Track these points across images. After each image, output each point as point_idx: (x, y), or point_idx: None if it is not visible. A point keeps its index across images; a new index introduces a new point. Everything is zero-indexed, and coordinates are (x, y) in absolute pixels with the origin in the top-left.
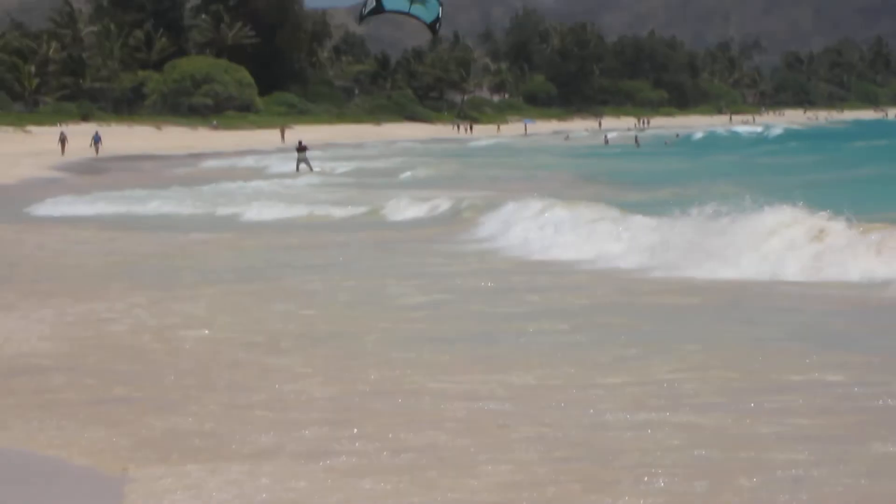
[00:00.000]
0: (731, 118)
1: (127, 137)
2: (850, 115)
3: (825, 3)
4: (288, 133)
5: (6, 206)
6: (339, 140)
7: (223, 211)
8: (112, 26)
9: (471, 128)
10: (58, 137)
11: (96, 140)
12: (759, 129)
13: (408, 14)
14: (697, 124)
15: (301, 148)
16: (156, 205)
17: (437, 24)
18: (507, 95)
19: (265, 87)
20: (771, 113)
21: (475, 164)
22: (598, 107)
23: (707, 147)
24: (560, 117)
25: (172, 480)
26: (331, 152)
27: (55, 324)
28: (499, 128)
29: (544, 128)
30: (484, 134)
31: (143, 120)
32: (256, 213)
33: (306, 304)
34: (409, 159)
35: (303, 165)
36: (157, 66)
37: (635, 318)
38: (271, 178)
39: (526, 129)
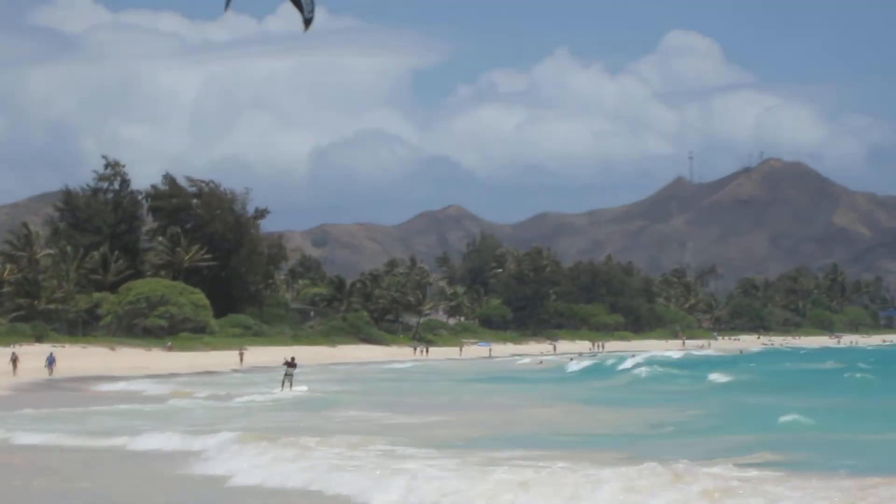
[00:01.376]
0: (684, 343)
1: (81, 358)
2: (805, 341)
3: (781, 231)
4: (246, 355)
5: None
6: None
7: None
8: (68, 248)
9: (426, 350)
10: (9, 357)
11: (50, 362)
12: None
13: None
14: (652, 348)
15: (290, 363)
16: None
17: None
18: (462, 318)
19: (221, 309)
20: (726, 338)
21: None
22: (554, 330)
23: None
24: (515, 340)
25: None
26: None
27: None
28: (461, 350)
29: (501, 351)
30: (446, 355)
31: (97, 341)
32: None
33: None
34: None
35: (287, 380)
36: (113, 287)
37: None
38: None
39: (490, 352)
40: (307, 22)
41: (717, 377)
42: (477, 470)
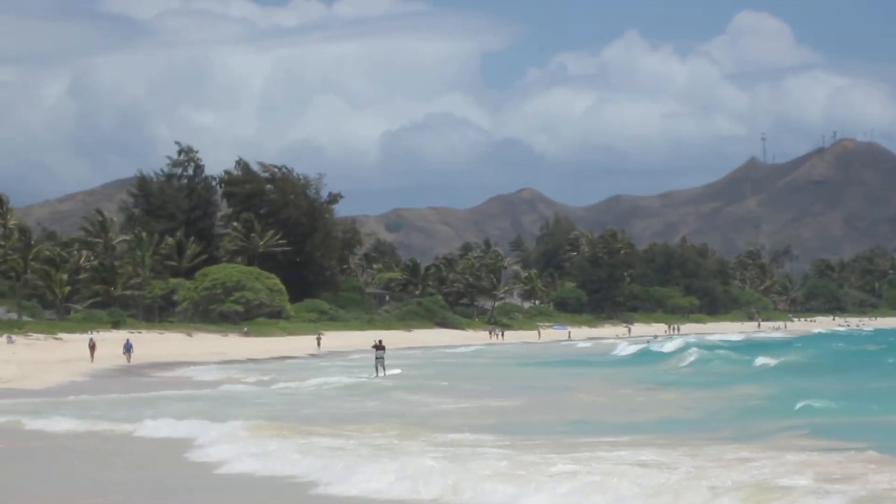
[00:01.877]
0: (759, 325)
1: (158, 344)
2: (882, 322)
3: (855, 212)
4: (323, 340)
5: None
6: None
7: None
8: (143, 235)
9: (502, 334)
10: (87, 344)
11: (127, 348)
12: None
13: None
14: (727, 330)
15: (379, 346)
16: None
17: None
18: (537, 302)
19: (296, 294)
20: (802, 319)
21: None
22: (629, 313)
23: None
24: (590, 324)
25: None
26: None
27: None
28: (539, 333)
29: (577, 334)
30: (521, 339)
31: (174, 327)
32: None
33: None
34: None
35: (379, 364)
36: (188, 273)
37: None
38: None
39: (569, 335)
40: None
41: (764, 360)
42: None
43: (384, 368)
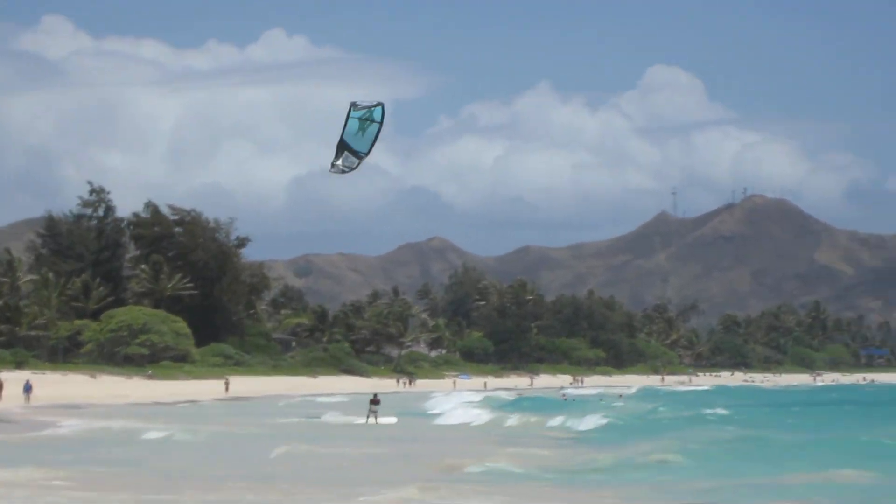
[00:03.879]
0: (663, 379)
1: (61, 386)
2: (786, 378)
3: (763, 268)
4: (230, 385)
5: None
6: (282, 391)
7: None
8: (50, 275)
9: (410, 382)
10: None
11: (27, 389)
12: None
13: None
14: (632, 383)
15: (375, 401)
16: None
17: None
18: (443, 351)
19: (202, 338)
20: (707, 374)
21: None
22: (535, 364)
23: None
24: (496, 373)
25: None
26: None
27: None
28: (454, 384)
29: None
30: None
31: (78, 368)
32: None
33: None
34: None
35: (373, 416)
36: (95, 315)
37: None
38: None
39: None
40: (333, 165)
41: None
42: None
43: (376, 418)
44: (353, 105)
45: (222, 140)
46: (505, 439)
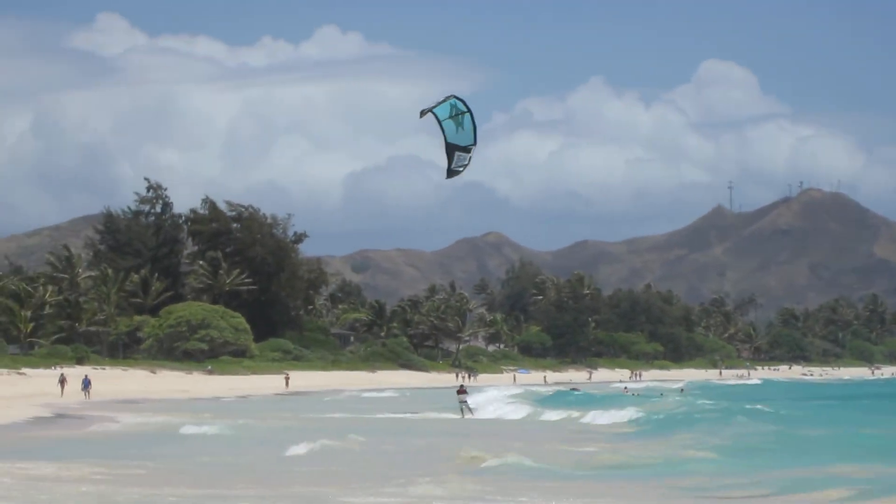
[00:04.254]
0: (721, 373)
1: (121, 381)
2: (844, 372)
3: (820, 262)
4: (290, 379)
5: None
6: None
7: None
8: (109, 271)
9: (468, 377)
10: (58, 379)
11: (85, 384)
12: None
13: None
14: (690, 377)
15: (461, 391)
16: None
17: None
18: (501, 345)
19: (261, 333)
20: (765, 368)
21: None
22: (593, 358)
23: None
24: (554, 368)
25: None
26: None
27: None
28: (514, 378)
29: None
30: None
31: (137, 364)
32: None
33: None
34: None
35: (464, 406)
36: (154, 310)
37: None
38: None
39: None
40: (450, 171)
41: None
42: None
43: (470, 410)
44: (423, 112)
45: (277, 137)
46: (528, 434)
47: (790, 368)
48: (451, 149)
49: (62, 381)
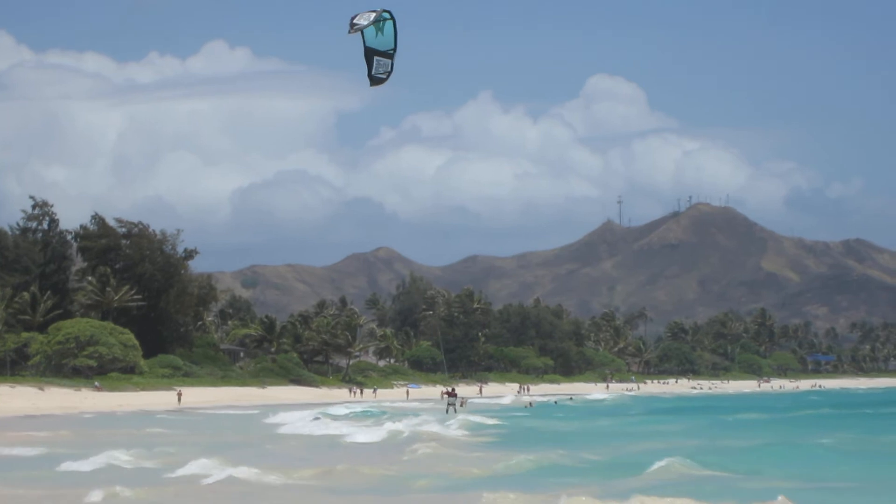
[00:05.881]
0: (608, 386)
1: (8, 398)
2: (733, 385)
3: (709, 275)
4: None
5: None
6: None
7: None
8: None
9: (361, 392)
10: None
11: None
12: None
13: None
14: (581, 391)
15: (451, 394)
16: None
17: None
18: (392, 360)
19: (150, 349)
20: (655, 381)
21: None
22: (483, 372)
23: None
24: (445, 382)
25: None
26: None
27: None
28: (407, 393)
29: (432, 393)
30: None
31: (25, 380)
32: None
33: None
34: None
35: (451, 408)
36: (42, 327)
37: None
38: None
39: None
40: (372, 78)
41: None
42: None
43: (455, 410)
44: (353, 26)
45: (165, 153)
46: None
47: (676, 382)
48: (369, 53)
49: None
